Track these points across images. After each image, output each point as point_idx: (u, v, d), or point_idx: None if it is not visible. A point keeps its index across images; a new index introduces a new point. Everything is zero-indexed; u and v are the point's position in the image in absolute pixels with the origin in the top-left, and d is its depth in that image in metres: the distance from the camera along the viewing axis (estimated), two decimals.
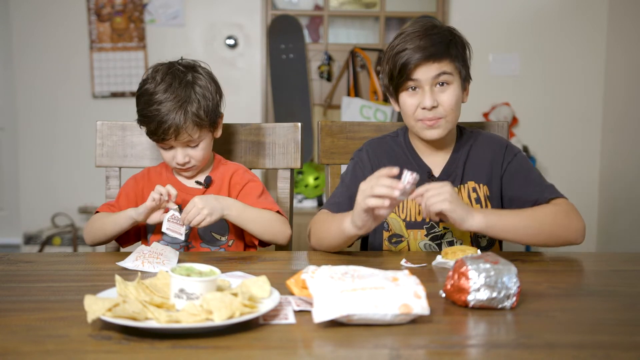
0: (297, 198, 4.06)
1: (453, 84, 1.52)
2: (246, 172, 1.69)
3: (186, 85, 1.55)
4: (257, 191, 1.65)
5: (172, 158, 1.59)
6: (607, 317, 1.08)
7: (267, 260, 1.47)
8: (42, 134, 4.18)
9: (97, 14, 4.09)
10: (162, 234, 1.56)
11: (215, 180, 1.66)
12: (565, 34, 4.10)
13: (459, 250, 1.37)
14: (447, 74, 1.51)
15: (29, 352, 0.90)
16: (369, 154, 1.64)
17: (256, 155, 1.82)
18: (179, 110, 1.52)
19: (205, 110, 1.55)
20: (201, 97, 1.55)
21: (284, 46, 4.08)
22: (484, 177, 1.60)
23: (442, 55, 1.50)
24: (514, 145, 1.65)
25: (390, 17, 4.24)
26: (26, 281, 1.28)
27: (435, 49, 1.49)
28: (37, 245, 4.02)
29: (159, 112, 1.52)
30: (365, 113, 3.90)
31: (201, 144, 1.59)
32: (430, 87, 1.50)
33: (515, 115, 4.10)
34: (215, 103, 1.60)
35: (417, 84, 1.51)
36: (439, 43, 1.50)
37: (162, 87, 1.53)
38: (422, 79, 1.50)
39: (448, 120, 1.53)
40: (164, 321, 0.95)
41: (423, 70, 1.50)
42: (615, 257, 1.56)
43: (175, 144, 1.57)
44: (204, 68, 1.63)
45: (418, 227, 1.59)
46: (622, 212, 3.83)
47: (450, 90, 1.52)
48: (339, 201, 1.57)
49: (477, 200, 1.59)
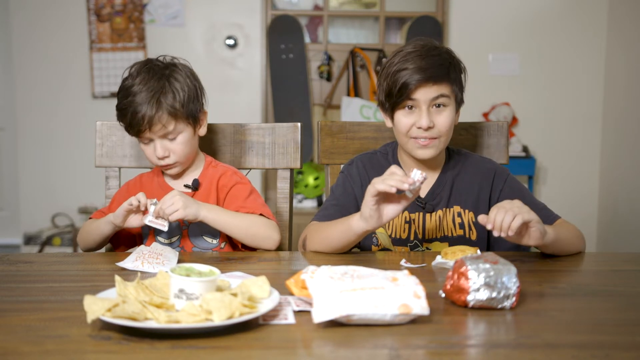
0: (297, 198, 4.06)
1: (449, 106, 1.53)
2: (235, 173, 1.67)
3: (160, 78, 1.55)
4: (244, 193, 1.62)
5: (152, 153, 1.58)
6: (607, 317, 1.08)
7: (266, 261, 1.47)
8: (42, 134, 4.18)
9: (97, 14, 4.09)
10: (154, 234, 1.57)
11: (203, 183, 1.64)
12: (565, 34, 4.10)
13: (459, 250, 1.37)
14: (444, 97, 1.52)
15: (29, 352, 0.90)
16: (358, 169, 1.64)
17: (256, 155, 1.81)
18: (152, 99, 1.51)
19: (180, 102, 1.54)
20: (176, 89, 1.55)
21: (284, 46, 4.08)
22: (470, 203, 1.60)
23: (442, 78, 1.51)
24: (502, 167, 1.66)
25: (390, 17, 4.24)
26: (26, 281, 1.28)
27: (435, 70, 1.50)
28: (37, 246, 4.02)
29: (132, 103, 1.52)
30: (365, 113, 3.90)
31: (180, 138, 1.57)
32: (427, 107, 1.51)
33: (515, 115, 4.10)
34: (192, 96, 1.58)
35: (414, 104, 1.52)
36: (439, 65, 1.51)
37: (137, 80, 1.54)
38: (421, 100, 1.51)
39: (442, 141, 1.55)
40: (163, 321, 0.95)
41: (422, 91, 1.50)
42: (615, 257, 1.56)
43: (152, 136, 1.55)
44: (184, 65, 1.62)
45: (402, 244, 1.60)
46: (622, 212, 3.83)
47: (446, 113, 1.53)
48: (329, 213, 1.57)
49: (461, 226, 1.59)
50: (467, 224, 1.59)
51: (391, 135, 1.80)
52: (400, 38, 4.29)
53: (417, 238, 1.59)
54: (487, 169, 1.63)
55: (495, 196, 1.60)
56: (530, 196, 1.61)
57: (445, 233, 1.59)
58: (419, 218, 1.59)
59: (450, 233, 1.59)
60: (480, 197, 1.60)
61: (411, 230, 1.59)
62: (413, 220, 1.59)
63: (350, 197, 1.60)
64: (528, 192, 1.63)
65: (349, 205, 1.58)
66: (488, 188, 1.61)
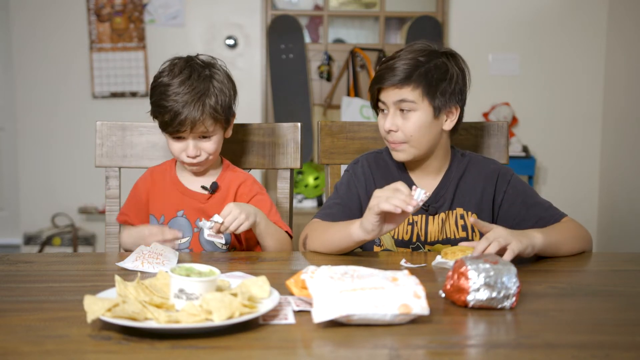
0: (297, 198, 4.06)
1: (417, 111, 1.51)
2: (255, 183, 1.67)
3: (204, 79, 1.53)
4: (267, 205, 1.62)
5: (181, 150, 1.56)
6: (607, 317, 1.08)
7: (266, 261, 1.47)
8: (42, 134, 4.18)
9: (97, 14, 4.09)
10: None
11: (221, 187, 1.63)
12: (565, 34, 4.10)
13: (459, 250, 1.37)
14: (408, 102, 1.50)
15: (29, 352, 0.90)
16: (364, 168, 1.63)
17: (256, 155, 1.81)
18: (197, 102, 1.50)
19: (222, 105, 1.54)
20: (219, 92, 1.53)
21: (284, 46, 4.08)
22: (473, 205, 1.59)
23: (405, 82, 1.49)
24: (505, 168, 1.64)
25: (390, 17, 4.24)
26: (26, 281, 1.28)
27: (399, 75, 1.49)
28: (37, 246, 4.02)
29: (175, 104, 1.49)
30: (365, 113, 3.90)
31: (214, 138, 1.57)
32: (395, 110, 1.52)
33: (515, 115, 4.10)
34: (230, 100, 1.58)
35: (384, 106, 1.54)
36: (406, 68, 1.50)
37: (179, 79, 1.51)
38: (387, 102, 1.53)
39: (412, 146, 1.53)
40: (163, 321, 0.95)
41: (386, 93, 1.52)
42: (615, 257, 1.56)
43: (188, 136, 1.54)
44: (222, 66, 1.62)
45: (405, 245, 1.59)
46: (622, 212, 3.83)
47: (412, 117, 1.51)
48: (332, 212, 1.57)
49: (463, 228, 1.58)
50: (469, 226, 1.58)
51: None
52: (400, 38, 4.29)
53: (419, 240, 1.58)
54: (490, 170, 1.61)
55: (499, 198, 1.59)
56: (535, 196, 1.60)
57: (447, 235, 1.58)
58: (421, 220, 1.58)
59: (453, 235, 1.58)
60: (484, 199, 1.59)
61: (414, 232, 1.58)
62: (415, 222, 1.58)
63: (354, 197, 1.60)
64: (532, 192, 1.62)
65: (352, 206, 1.58)
66: (491, 190, 1.60)
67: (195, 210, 1.62)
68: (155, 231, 1.46)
